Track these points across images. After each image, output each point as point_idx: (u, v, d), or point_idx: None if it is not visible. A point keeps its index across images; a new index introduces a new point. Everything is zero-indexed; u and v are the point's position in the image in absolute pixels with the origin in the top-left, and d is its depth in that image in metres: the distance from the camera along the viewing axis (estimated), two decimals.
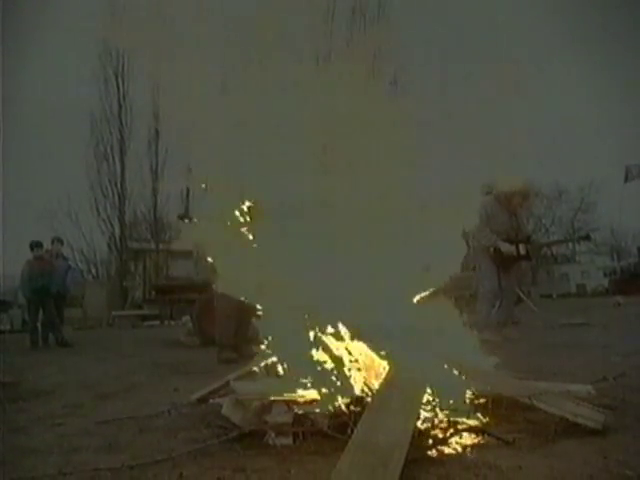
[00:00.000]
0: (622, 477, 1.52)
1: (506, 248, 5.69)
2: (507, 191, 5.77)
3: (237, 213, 2.35)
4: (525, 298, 12.94)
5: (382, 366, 2.13)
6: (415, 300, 2.36)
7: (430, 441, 1.83)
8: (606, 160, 48.74)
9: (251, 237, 2.35)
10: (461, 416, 1.98)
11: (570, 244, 36.21)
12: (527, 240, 5.97)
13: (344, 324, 2.20)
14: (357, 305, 2.18)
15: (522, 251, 5.77)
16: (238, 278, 2.31)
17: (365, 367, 2.15)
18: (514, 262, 5.94)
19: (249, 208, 2.35)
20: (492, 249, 5.72)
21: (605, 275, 30.24)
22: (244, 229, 2.35)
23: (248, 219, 2.36)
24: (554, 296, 27.10)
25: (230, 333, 5.10)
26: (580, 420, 1.91)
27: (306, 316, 2.21)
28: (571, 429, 1.91)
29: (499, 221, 5.76)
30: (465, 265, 5.92)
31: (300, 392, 2.12)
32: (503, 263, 5.81)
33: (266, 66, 2.44)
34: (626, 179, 18.53)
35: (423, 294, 2.42)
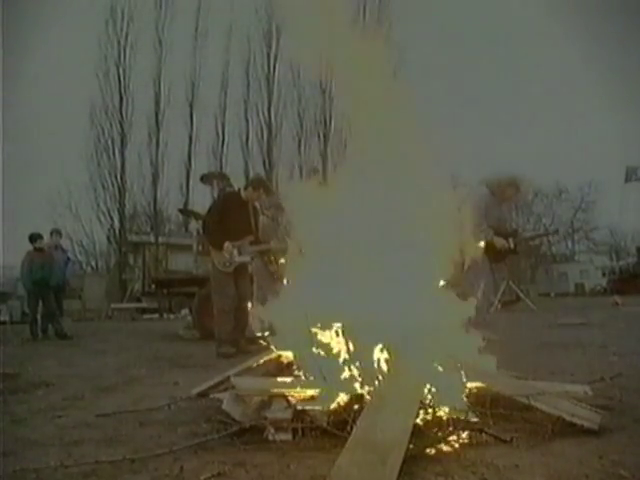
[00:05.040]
0: (617, 477, 1.54)
1: (500, 242, 5.64)
2: (500, 183, 5.73)
3: None
4: (524, 297, 13.00)
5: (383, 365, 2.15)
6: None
7: (429, 439, 1.84)
8: (606, 160, 48.77)
9: None
10: (459, 415, 2.00)
11: (569, 243, 36.38)
12: (514, 234, 5.95)
13: (349, 323, 2.23)
14: (363, 305, 2.21)
15: (511, 245, 5.74)
16: None
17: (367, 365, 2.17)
18: (504, 257, 5.91)
19: None
20: (485, 244, 5.64)
21: (604, 275, 30.24)
22: None
23: None
24: (552, 295, 27.17)
25: (229, 328, 5.12)
26: (577, 420, 1.93)
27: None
28: (568, 429, 1.93)
29: (494, 214, 5.71)
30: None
31: (300, 388, 2.14)
32: (495, 258, 5.76)
33: None
34: (626, 179, 18.52)
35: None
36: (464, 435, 1.91)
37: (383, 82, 2.48)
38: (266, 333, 2.63)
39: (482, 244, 5.57)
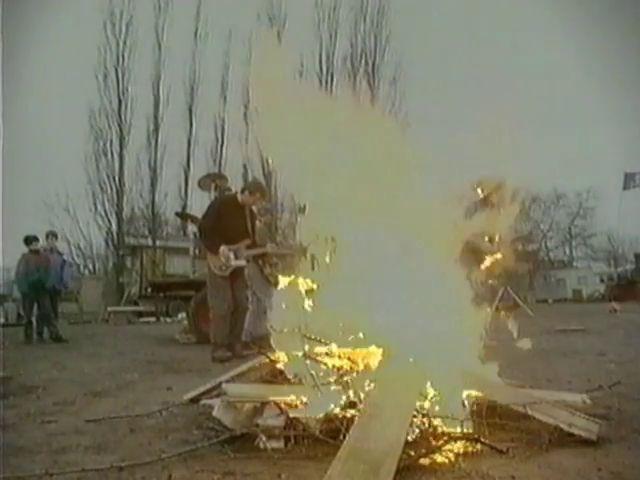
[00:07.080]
0: None
1: (485, 246, 5.56)
2: (487, 186, 5.68)
3: None
4: (521, 303, 12.95)
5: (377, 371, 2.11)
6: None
7: (423, 449, 1.80)
8: (605, 166, 48.88)
9: None
10: (455, 424, 1.95)
11: (567, 249, 36.49)
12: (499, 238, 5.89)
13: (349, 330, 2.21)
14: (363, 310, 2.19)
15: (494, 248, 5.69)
16: None
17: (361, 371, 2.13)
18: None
19: None
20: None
21: (602, 281, 30.21)
22: None
23: None
24: (550, 301, 27.13)
25: (224, 332, 5.08)
26: (574, 430, 1.90)
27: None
28: (565, 439, 1.90)
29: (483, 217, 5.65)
30: None
31: (292, 395, 2.10)
32: (479, 262, 5.69)
33: None
34: (625, 186, 18.54)
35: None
36: (459, 445, 1.87)
37: None
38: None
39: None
